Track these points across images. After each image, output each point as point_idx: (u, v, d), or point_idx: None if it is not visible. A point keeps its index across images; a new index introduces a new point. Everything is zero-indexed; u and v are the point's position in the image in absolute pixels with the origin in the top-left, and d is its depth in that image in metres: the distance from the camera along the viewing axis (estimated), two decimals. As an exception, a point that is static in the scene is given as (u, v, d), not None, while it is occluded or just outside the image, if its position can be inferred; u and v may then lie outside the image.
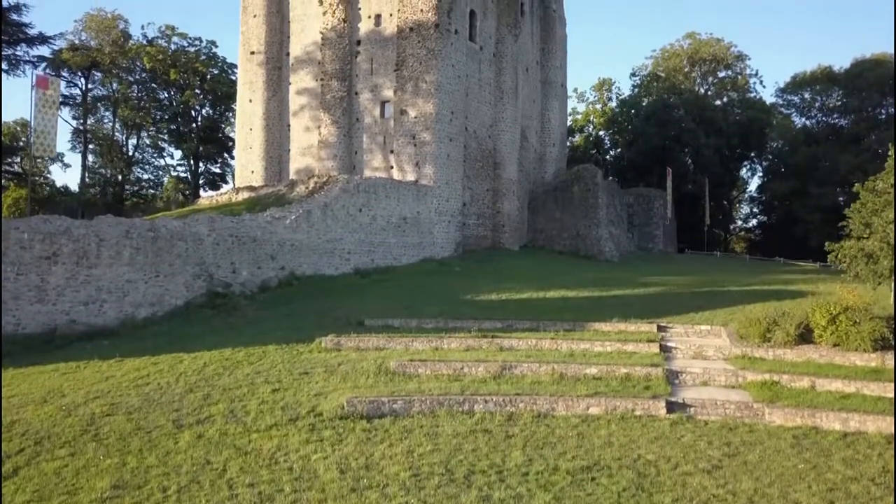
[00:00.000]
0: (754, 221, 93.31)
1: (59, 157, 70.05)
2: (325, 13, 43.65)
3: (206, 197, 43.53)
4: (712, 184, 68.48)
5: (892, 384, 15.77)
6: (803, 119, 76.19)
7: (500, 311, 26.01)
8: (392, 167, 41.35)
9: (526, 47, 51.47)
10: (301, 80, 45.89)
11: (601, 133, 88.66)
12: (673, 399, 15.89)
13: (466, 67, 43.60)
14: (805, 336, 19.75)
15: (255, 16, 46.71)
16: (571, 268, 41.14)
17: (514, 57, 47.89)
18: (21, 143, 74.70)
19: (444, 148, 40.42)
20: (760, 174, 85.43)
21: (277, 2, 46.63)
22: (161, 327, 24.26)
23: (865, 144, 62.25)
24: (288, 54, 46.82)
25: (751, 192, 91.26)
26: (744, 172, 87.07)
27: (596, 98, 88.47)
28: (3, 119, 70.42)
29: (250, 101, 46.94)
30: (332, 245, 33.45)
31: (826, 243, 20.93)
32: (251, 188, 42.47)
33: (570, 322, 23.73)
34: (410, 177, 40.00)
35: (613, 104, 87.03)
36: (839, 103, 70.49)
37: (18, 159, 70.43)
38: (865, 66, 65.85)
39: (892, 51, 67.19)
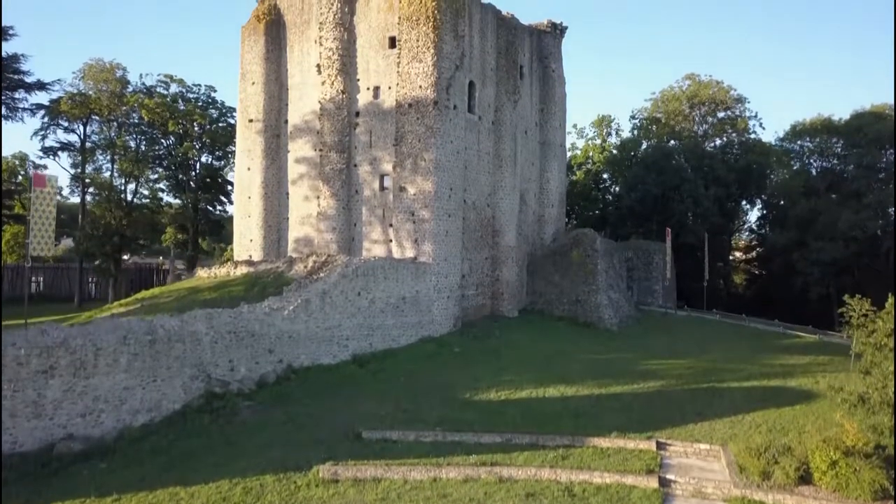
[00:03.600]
0: (753, 253, 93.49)
1: (58, 192, 70.09)
2: (323, 83, 43.63)
3: (204, 270, 43.33)
4: (711, 232, 68.43)
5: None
6: (802, 165, 76.22)
7: (500, 417, 26.16)
8: (391, 241, 41.28)
9: (525, 110, 51.43)
10: (300, 149, 45.74)
11: (601, 168, 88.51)
12: (672, 576, 15.79)
13: (465, 140, 43.54)
14: (805, 477, 19.69)
15: (253, 83, 46.56)
16: (570, 343, 41.11)
17: (513, 124, 47.95)
18: (20, 178, 75.15)
19: (444, 225, 40.33)
20: (760, 206, 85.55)
21: (276, 69, 46.48)
22: (159, 440, 24.05)
23: (866, 200, 62.26)
24: (286, 122, 46.58)
25: (750, 224, 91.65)
26: (743, 204, 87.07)
27: (595, 134, 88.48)
28: (4, 153, 70.75)
29: (248, 168, 46.71)
30: (330, 333, 33.30)
31: (827, 382, 20.94)
32: (249, 262, 42.32)
33: (568, 436, 23.93)
34: (409, 253, 39.93)
35: (613, 139, 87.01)
36: (839, 151, 70.60)
37: (17, 195, 70.87)
38: (865, 120, 65.86)
39: (892, 102, 67.35)
